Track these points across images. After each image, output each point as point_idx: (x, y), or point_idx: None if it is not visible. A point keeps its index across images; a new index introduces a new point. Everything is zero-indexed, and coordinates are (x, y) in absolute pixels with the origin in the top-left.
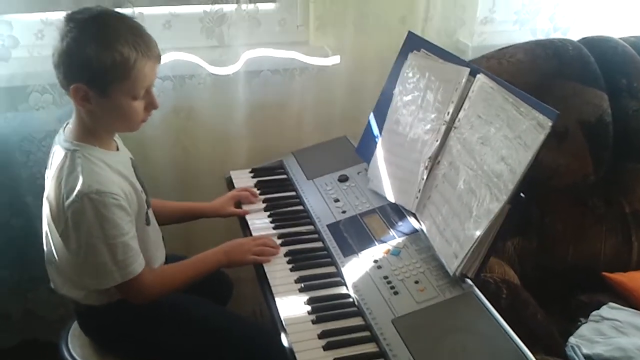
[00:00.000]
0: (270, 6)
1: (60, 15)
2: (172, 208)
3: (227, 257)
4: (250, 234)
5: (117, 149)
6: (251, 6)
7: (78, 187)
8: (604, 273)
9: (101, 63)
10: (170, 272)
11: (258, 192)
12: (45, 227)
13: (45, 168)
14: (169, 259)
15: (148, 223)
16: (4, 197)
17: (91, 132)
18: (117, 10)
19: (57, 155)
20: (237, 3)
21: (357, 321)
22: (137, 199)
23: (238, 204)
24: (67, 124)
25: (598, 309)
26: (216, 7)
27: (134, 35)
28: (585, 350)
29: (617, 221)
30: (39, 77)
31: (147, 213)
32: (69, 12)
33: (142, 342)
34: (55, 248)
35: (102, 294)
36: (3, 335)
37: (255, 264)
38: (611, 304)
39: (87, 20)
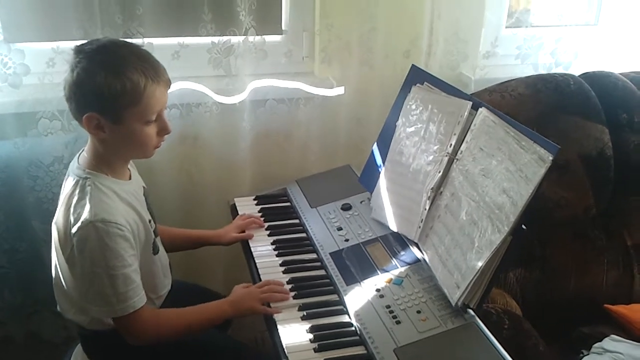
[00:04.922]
0: (277, 38)
1: (71, 44)
2: (176, 235)
3: (232, 308)
4: (254, 260)
5: (130, 178)
6: (258, 38)
7: (85, 215)
8: (606, 305)
9: (112, 90)
10: (169, 316)
11: (262, 219)
12: (53, 252)
13: (52, 193)
14: (174, 285)
15: (156, 252)
16: (10, 221)
17: (104, 161)
18: (126, 40)
19: (68, 182)
20: (244, 35)
21: (359, 350)
22: (145, 229)
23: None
24: (81, 152)
25: (600, 340)
26: (224, 38)
27: (142, 61)
28: None
29: (619, 253)
30: (49, 103)
31: (154, 242)
32: (78, 44)
33: None
34: (62, 273)
35: (107, 319)
36: (6, 358)
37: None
38: (613, 336)
39: (96, 50)
